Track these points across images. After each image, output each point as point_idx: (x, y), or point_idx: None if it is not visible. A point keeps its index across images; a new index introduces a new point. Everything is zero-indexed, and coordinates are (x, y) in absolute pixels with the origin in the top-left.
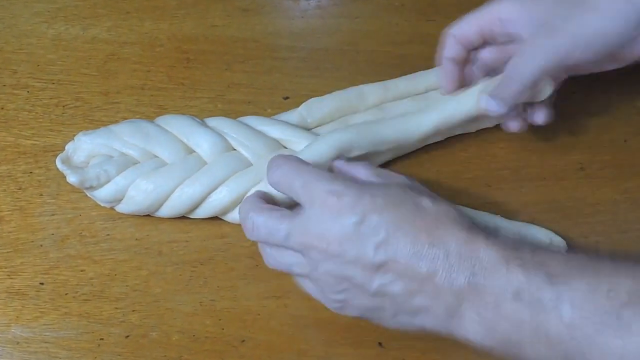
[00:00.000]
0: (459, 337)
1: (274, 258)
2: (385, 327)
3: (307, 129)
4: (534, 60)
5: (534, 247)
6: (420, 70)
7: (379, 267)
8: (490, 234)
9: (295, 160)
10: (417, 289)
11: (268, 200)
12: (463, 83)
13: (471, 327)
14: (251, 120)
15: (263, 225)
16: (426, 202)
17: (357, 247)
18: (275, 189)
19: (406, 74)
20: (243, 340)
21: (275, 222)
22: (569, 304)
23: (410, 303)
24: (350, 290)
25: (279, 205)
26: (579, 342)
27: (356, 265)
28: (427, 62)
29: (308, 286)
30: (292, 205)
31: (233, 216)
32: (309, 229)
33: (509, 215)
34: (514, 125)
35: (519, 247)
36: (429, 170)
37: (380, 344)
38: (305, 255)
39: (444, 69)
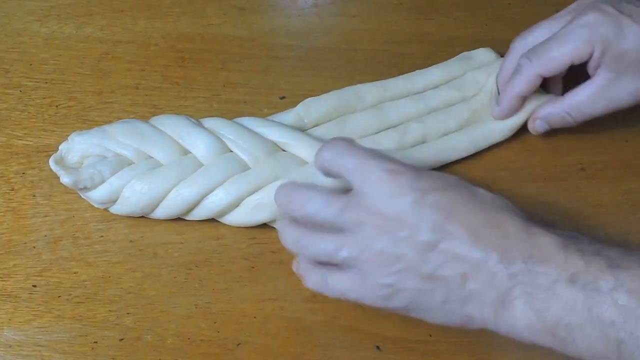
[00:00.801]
0: (504, 328)
1: (316, 244)
2: (429, 321)
3: (304, 129)
4: (602, 102)
5: (591, 239)
6: (418, 69)
7: (434, 248)
8: (547, 224)
9: (346, 140)
10: (471, 273)
11: None
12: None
13: (521, 312)
14: (249, 121)
15: (316, 198)
16: (482, 190)
17: (414, 225)
18: (324, 170)
19: (404, 73)
20: (239, 344)
21: (329, 196)
22: (626, 290)
23: (463, 288)
24: (402, 273)
25: None
26: (631, 325)
27: (411, 244)
28: (425, 61)
29: (344, 282)
30: None
31: (230, 218)
32: (364, 205)
33: None
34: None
35: (576, 237)
36: None
37: (378, 347)
38: (357, 234)
39: (511, 103)
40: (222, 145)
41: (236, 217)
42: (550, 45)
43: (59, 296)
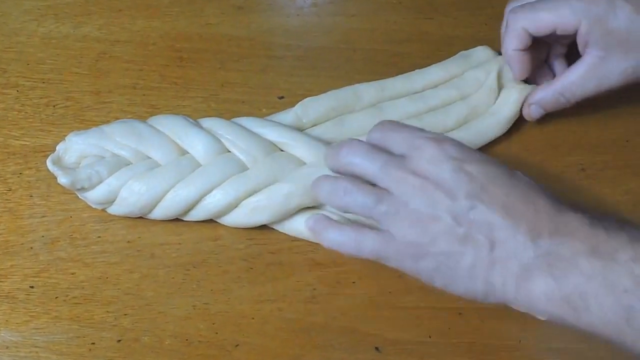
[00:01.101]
0: (522, 299)
1: (355, 195)
2: (452, 290)
3: (302, 129)
4: (593, 82)
5: (619, 219)
6: (417, 69)
7: (468, 213)
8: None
9: (392, 121)
10: (500, 241)
11: None
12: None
13: (541, 281)
14: (247, 121)
15: (361, 151)
16: (518, 172)
17: (451, 190)
18: (373, 143)
19: (404, 73)
20: (237, 345)
21: (374, 152)
22: None
23: (490, 255)
24: (434, 234)
25: None
26: None
27: (446, 208)
28: (425, 60)
29: (375, 240)
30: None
31: (228, 219)
32: (407, 165)
33: None
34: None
35: (605, 218)
36: None
37: (377, 348)
38: (395, 191)
39: (513, 60)
40: (220, 146)
41: (234, 218)
42: (540, 6)
43: (57, 297)
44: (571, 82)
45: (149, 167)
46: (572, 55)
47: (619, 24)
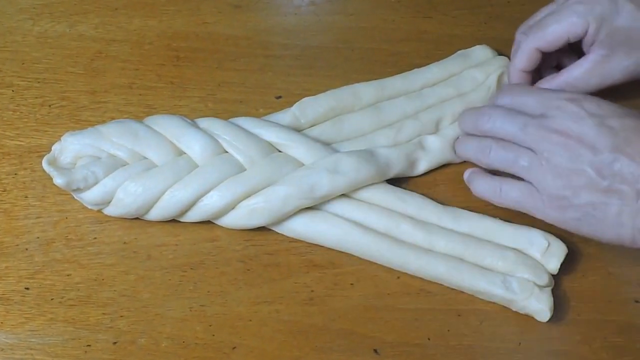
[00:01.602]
0: None
1: (497, 151)
2: (599, 237)
3: (300, 129)
4: (596, 78)
5: None
6: (416, 68)
7: (611, 166)
8: None
9: (519, 84)
10: None
11: None
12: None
13: None
14: (244, 121)
15: (500, 114)
16: None
17: (593, 145)
18: (506, 107)
19: (402, 72)
20: (234, 347)
21: (513, 114)
22: None
23: (635, 203)
24: (578, 187)
25: None
26: None
27: (590, 162)
28: (423, 59)
29: (519, 191)
30: None
31: (225, 221)
32: (546, 125)
33: (509, 218)
34: None
35: None
36: (427, 173)
37: (375, 350)
38: (538, 149)
39: (516, 79)
40: (217, 146)
41: (231, 220)
42: (547, 20)
43: (52, 299)
44: (575, 77)
45: (145, 167)
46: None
47: (623, 23)
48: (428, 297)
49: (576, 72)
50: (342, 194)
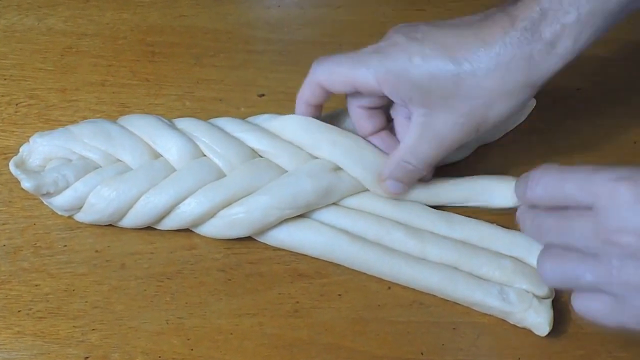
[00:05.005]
0: None
1: (558, 267)
2: None
3: None
4: (432, 143)
5: None
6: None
7: None
8: None
9: (550, 167)
10: None
11: None
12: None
13: None
14: (225, 122)
15: (553, 223)
16: None
17: None
18: (542, 204)
19: None
20: None
21: (566, 219)
22: None
23: None
24: None
25: None
26: None
27: None
28: None
29: (598, 307)
30: None
31: (204, 229)
32: (607, 223)
33: (509, 221)
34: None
35: None
36: None
37: None
38: (603, 257)
39: (299, 109)
40: (196, 149)
41: (210, 230)
42: (341, 60)
43: (19, 311)
44: (411, 145)
45: (119, 171)
46: None
47: (420, 73)
48: (421, 309)
49: (409, 141)
50: None
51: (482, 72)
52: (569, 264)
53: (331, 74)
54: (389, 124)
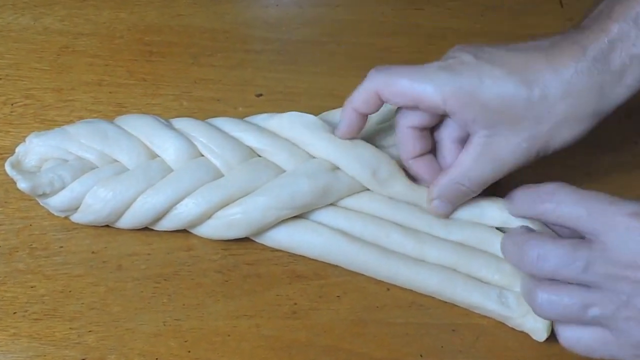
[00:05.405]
0: None
1: (559, 300)
2: None
3: None
4: (489, 165)
5: None
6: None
7: None
8: None
9: (562, 186)
10: None
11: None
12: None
13: None
14: (223, 122)
15: (553, 254)
16: None
17: None
18: (546, 221)
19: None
20: None
21: (569, 249)
22: None
23: None
24: None
25: None
26: None
27: None
28: (415, 55)
29: (594, 340)
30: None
31: (201, 230)
32: (614, 257)
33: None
34: None
35: None
36: None
37: None
38: (609, 290)
39: (349, 117)
40: (193, 149)
41: (208, 230)
42: (404, 72)
43: (15, 312)
44: (467, 167)
45: (115, 171)
46: None
47: (491, 94)
48: (420, 311)
49: (466, 162)
50: None
51: (553, 97)
52: (571, 297)
53: (392, 84)
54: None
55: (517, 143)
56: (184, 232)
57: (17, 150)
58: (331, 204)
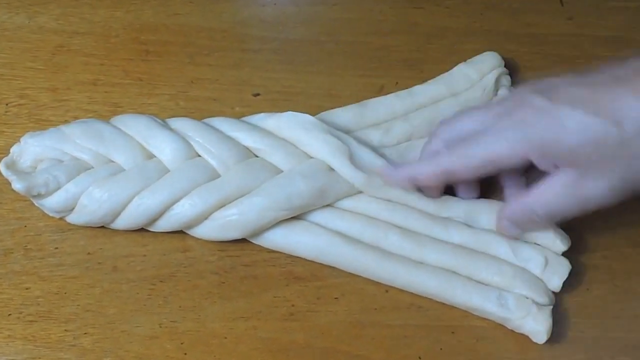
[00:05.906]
0: None
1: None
2: None
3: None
4: (574, 202)
5: None
6: (408, 65)
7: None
8: None
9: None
10: None
11: None
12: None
13: None
14: (219, 122)
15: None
16: None
17: None
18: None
19: (390, 67)
20: None
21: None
22: None
23: None
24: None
25: None
26: None
27: None
28: (414, 54)
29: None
30: None
31: (198, 231)
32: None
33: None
34: None
35: None
36: None
37: None
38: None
39: (402, 180)
40: (190, 149)
41: (204, 232)
42: (475, 140)
43: (9, 314)
44: (546, 200)
45: (111, 172)
46: None
47: (575, 138)
48: (419, 313)
49: (547, 195)
50: None
51: None
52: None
53: (467, 163)
54: None
55: (610, 184)
56: (180, 233)
57: (11, 150)
58: (329, 205)
